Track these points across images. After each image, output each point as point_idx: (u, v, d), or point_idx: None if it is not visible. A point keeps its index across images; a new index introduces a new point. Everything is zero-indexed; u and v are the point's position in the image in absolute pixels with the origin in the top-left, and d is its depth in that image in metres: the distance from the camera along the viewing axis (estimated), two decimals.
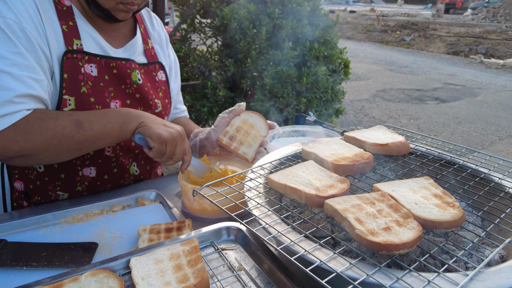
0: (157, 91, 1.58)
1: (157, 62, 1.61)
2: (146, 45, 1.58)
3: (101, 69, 1.39)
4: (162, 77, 1.62)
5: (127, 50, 1.51)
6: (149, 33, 1.63)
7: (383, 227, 0.85)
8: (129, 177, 1.61)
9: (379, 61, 13.57)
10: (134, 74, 1.48)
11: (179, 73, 1.79)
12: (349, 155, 1.22)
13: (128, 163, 1.58)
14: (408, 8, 42.50)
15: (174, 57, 1.76)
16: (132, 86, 1.48)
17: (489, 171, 1.23)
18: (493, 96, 9.38)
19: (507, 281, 0.76)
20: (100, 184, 1.54)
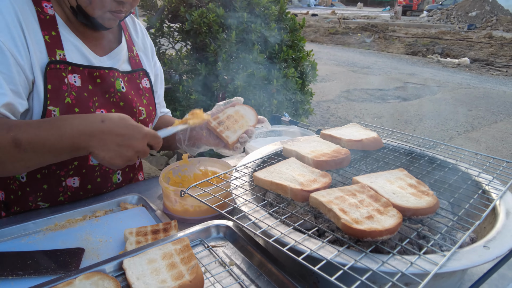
0: (141, 98, 1.58)
1: (142, 69, 1.61)
2: (131, 53, 1.58)
3: (85, 79, 1.38)
4: (146, 85, 1.62)
5: (112, 58, 1.50)
6: (134, 41, 1.63)
7: (366, 216, 0.91)
8: (111, 185, 1.61)
9: (342, 62, 13.93)
10: (118, 83, 1.47)
11: (163, 79, 1.80)
12: (328, 151, 1.28)
13: (112, 172, 1.57)
14: (367, 11, 43.81)
15: (159, 64, 1.77)
16: (116, 95, 1.47)
17: (456, 161, 1.33)
18: (451, 93, 9.85)
19: (480, 258, 0.84)
20: (83, 194, 1.53)
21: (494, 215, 1.05)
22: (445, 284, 0.98)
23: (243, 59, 3.29)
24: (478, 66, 13.76)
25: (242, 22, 3.31)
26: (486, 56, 15.12)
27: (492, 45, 17.12)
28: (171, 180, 1.53)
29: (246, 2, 3.31)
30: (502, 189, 1.13)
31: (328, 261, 0.80)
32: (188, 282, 0.86)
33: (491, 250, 0.86)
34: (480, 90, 10.28)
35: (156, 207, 1.42)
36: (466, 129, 7.12)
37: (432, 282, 0.92)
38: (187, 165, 1.59)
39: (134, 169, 1.70)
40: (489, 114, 8.16)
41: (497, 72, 12.89)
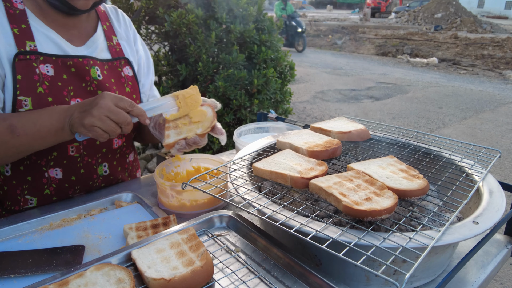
0: (123, 86, 1.58)
1: (123, 58, 1.61)
2: (110, 42, 1.58)
3: (58, 68, 1.39)
4: (128, 73, 1.62)
5: (89, 47, 1.50)
6: (115, 30, 1.63)
7: (364, 198, 0.96)
8: (97, 178, 1.59)
9: (315, 64, 14.14)
10: (93, 71, 1.47)
11: (152, 69, 1.78)
12: (320, 143, 1.33)
13: (96, 163, 1.56)
14: (337, 13, 44.61)
15: (146, 54, 1.76)
16: (93, 83, 1.47)
17: (440, 149, 1.41)
18: (421, 92, 10.18)
19: (470, 232, 0.91)
20: (68, 186, 1.52)
21: (478, 196, 1.13)
22: (438, 261, 1.05)
23: (223, 60, 3.32)
24: (446, 66, 14.28)
25: (221, 23, 3.34)
26: (453, 56, 15.71)
27: (458, 45, 17.81)
28: (164, 177, 1.55)
29: (225, 3, 3.35)
30: (483, 171, 1.22)
31: (333, 240, 0.85)
32: (199, 268, 0.89)
33: (479, 225, 0.93)
34: (449, 89, 10.67)
35: (151, 204, 1.44)
36: (438, 126, 7.38)
37: (427, 258, 0.99)
38: (179, 162, 1.61)
39: (124, 162, 1.69)
40: (459, 111, 8.49)
41: (463, 71, 13.42)
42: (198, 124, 1.44)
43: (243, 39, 3.43)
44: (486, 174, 1.21)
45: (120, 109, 1.24)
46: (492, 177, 1.21)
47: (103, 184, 1.63)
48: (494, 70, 13.39)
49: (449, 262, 1.13)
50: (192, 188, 1.13)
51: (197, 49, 3.26)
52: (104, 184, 1.63)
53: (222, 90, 3.22)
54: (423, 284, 1.05)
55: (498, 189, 1.13)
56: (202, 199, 1.38)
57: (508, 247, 1.27)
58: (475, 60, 15.09)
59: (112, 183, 1.66)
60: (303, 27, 16.25)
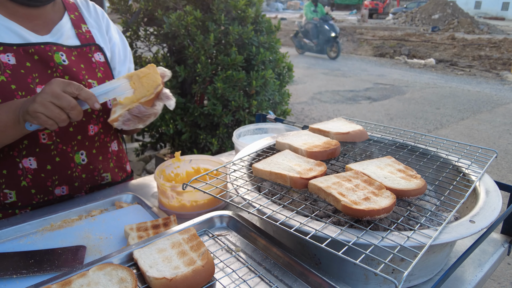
0: (94, 71, 1.58)
1: (93, 44, 1.61)
2: (78, 29, 1.59)
3: (20, 57, 1.41)
4: (100, 58, 1.62)
5: (54, 34, 1.52)
6: (85, 19, 1.65)
7: (363, 198, 0.98)
8: (75, 166, 1.56)
9: (312, 65, 14.17)
10: (57, 56, 1.48)
11: (131, 58, 1.79)
12: (319, 143, 1.35)
13: (71, 151, 1.54)
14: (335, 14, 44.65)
15: (123, 43, 1.76)
16: (58, 69, 1.47)
17: (437, 149, 1.42)
18: (419, 93, 10.22)
19: (467, 231, 0.92)
20: (45, 177, 1.50)
21: (475, 195, 1.15)
22: (435, 260, 1.06)
23: (222, 61, 3.33)
24: (443, 66, 14.33)
25: (220, 25, 3.36)
26: (450, 57, 15.77)
27: (455, 46, 17.88)
28: (164, 178, 1.56)
29: (223, 5, 3.37)
30: (480, 171, 1.23)
31: (333, 239, 0.86)
32: (200, 267, 0.90)
33: (476, 224, 0.95)
34: (447, 89, 10.71)
35: (151, 205, 1.45)
36: (436, 127, 7.41)
37: (425, 257, 1.01)
38: (179, 163, 1.62)
39: (106, 151, 1.66)
40: (456, 112, 8.52)
41: (461, 71, 13.47)
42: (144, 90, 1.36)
43: (241, 40, 3.45)
44: (483, 174, 1.22)
45: (67, 94, 1.22)
46: (488, 177, 1.22)
47: (83, 175, 1.59)
48: (491, 71, 13.45)
49: (446, 261, 1.14)
50: (192, 189, 1.15)
51: (196, 51, 3.27)
52: (85, 175, 1.59)
53: (221, 91, 3.24)
54: (421, 283, 1.07)
55: (495, 188, 1.14)
56: (202, 199, 1.40)
57: (504, 246, 1.28)
58: (472, 61, 15.15)
59: (94, 174, 1.63)
60: (337, 31, 14.73)
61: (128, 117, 1.35)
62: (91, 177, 1.62)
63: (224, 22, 3.36)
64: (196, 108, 3.42)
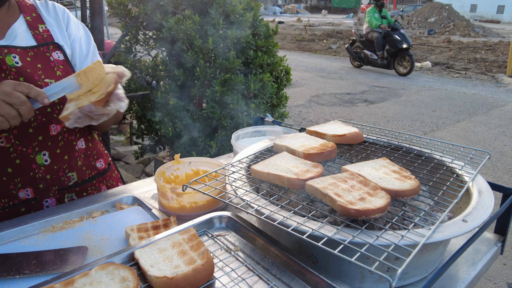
0: (53, 70, 1.57)
1: (51, 43, 1.61)
2: (35, 30, 1.59)
3: None
4: (59, 57, 1.62)
5: (8, 38, 1.51)
6: (44, 19, 1.65)
7: (358, 198, 1.00)
8: (38, 167, 1.54)
9: (310, 68, 14.23)
10: (9, 59, 1.47)
11: (94, 52, 1.77)
12: (316, 145, 1.38)
13: (32, 152, 1.52)
14: (331, 18, 44.91)
15: (87, 38, 1.75)
16: (11, 71, 1.46)
17: (431, 151, 1.45)
18: (415, 96, 10.28)
19: (460, 230, 0.95)
20: (6, 180, 1.49)
21: (468, 195, 1.18)
22: (429, 259, 1.09)
23: (220, 65, 3.36)
24: (439, 69, 14.41)
25: (218, 29, 3.39)
26: (446, 60, 15.86)
27: (451, 49, 17.99)
28: (164, 180, 1.58)
29: (222, 9, 3.40)
30: (473, 172, 1.26)
31: (329, 238, 0.89)
32: (200, 266, 0.92)
33: (469, 223, 0.97)
34: (443, 92, 10.78)
35: (151, 206, 1.47)
36: (432, 129, 7.46)
37: (419, 256, 1.03)
38: (179, 165, 1.65)
39: (72, 150, 1.65)
40: (452, 114, 8.58)
41: (457, 74, 13.55)
42: (97, 93, 1.35)
43: (239, 44, 3.48)
44: (476, 174, 1.25)
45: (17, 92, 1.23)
46: (481, 178, 1.25)
47: (48, 176, 1.57)
48: (487, 74, 13.54)
49: (440, 259, 1.17)
50: (192, 190, 1.17)
51: (195, 55, 3.30)
52: (49, 176, 1.57)
53: (220, 94, 3.27)
54: (416, 281, 1.09)
55: (487, 189, 1.17)
56: (202, 201, 1.42)
57: (497, 245, 1.31)
58: (468, 63, 15.25)
59: (59, 174, 1.60)
60: (410, 42, 12.14)
61: (79, 115, 1.34)
62: (56, 178, 1.60)
63: (223, 26, 3.39)
64: (195, 111, 3.45)
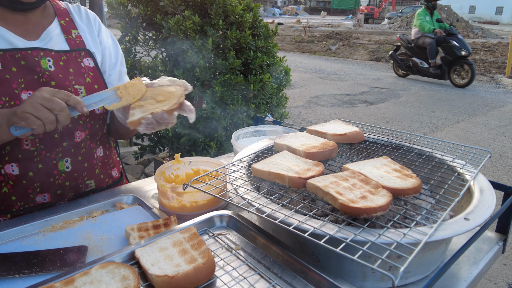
0: (83, 76, 1.58)
1: (83, 49, 1.62)
2: (68, 35, 1.60)
3: (6, 62, 1.41)
4: (89, 64, 1.62)
5: (43, 40, 1.52)
6: (76, 24, 1.65)
7: (360, 196, 1.00)
8: (58, 174, 1.54)
9: (309, 70, 14.24)
10: (44, 62, 1.48)
11: (122, 61, 1.79)
12: (317, 144, 1.37)
13: (55, 158, 1.52)
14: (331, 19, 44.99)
15: (114, 46, 1.77)
16: (45, 74, 1.47)
17: (432, 150, 1.45)
18: (415, 96, 10.29)
19: (462, 228, 0.94)
20: (26, 184, 1.49)
21: (469, 194, 1.17)
22: (431, 257, 1.08)
23: (220, 65, 3.36)
24: None
25: (218, 30, 3.39)
26: None
27: None
28: (164, 179, 1.58)
29: (221, 10, 3.40)
30: (474, 171, 1.26)
31: (330, 236, 0.89)
32: (201, 265, 0.92)
33: (470, 221, 0.97)
34: (442, 93, 10.79)
35: (152, 206, 1.46)
36: (431, 130, 7.46)
37: (421, 254, 1.03)
38: (179, 164, 1.64)
39: (92, 158, 1.65)
40: (451, 115, 8.58)
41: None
42: (165, 102, 1.39)
43: (239, 45, 3.48)
44: (477, 173, 1.25)
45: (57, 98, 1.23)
46: (483, 176, 1.25)
47: (67, 183, 1.57)
48: (486, 75, 13.55)
49: (442, 258, 1.16)
50: (192, 189, 1.17)
51: (194, 55, 3.30)
52: (68, 183, 1.57)
53: (219, 95, 3.26)
54: (417, 280, 1.09)
55: (489, 187, 1.17)
56: (202, 200, 1.42)
57: (499, 244, 1.31)
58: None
59: (78, 181, 1.60)
60: (470, 49, 10.74)
61: (152, 121, 1.36)
62: (75, 185, 1.60)
63: (222, 27, 3.39)
64: (195, 111, 3.44)
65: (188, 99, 3.67)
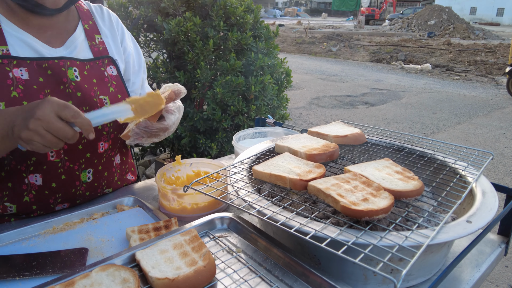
0: (106, 86, 1.55)
1: (106, 56, 1.58)
2: (92, 41, 1.55)
3: (33, 71, 1.37)
4: (112, 72, 1.59)
5: (68, 47, 1.48)
6: (100, 28, 1.61)
7: (361, 199, 0.99)
8: (80, 184, 1.53)
9: (310, 71, 14.24)
10: (71, 72, 1.45)
11: (144, 68, 1.77)
12: (318, 146, 1.37)
13: (78, 169, 1.51)
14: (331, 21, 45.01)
15: (137, 52, 1.73)
16: (71, 85, 1.44)
17: (434, 152, 1.44)
18: (416, 98, 10.28)
19: (464, 230, 0.94)
20: (48, 194, 1.48)
21: (471, 196, 1.17)
22: (433, 260, 1.08)
23: (221, 66, 3.36)
24: (440, 72, 14.42)
25: (219, 31, 3.39)
26: (446, 62, 15.88)
27: (451, 51, 18.01)
28: (165, 181, 1.57)
29: (222, 11, 3.40)
30: (476, 173, 1.25)
31: (332, 239, 0.88)
32: (202, 267, 0.91)
33: (473, 224, 0.97)
34: (443, 94, 10.78)
35: (152, 207, 1.46)
36: (432, 131, 7.45)
37: (423, 257, 1.02)
38: (180, 166, 1.64)
39: (111, 167, 1.64)
40: (452, 116, 8.57)
41: (457, 76, 13.56)
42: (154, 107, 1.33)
43: (240, 46, 3.48)
44: (479, 175, 1.24)
45: (62, 120, 1.13)
46: (485, 178, 1.24)
47: (87, 193, 1.57)
48: (487, 76, 13.55)
49: (444, 261, 1.16)
50: (193, 191, 1.16)
51: (195, 56, 3.30)
52: (88, 193, 1.57)
53: (220, 96, 3.26)
54: (419, 283, 1.08)
55: (491, 189, 1.17)
56: (203, 202, 1.41)
57: (501, 247, 1.30)
58: (468, 66, 15.26)
59: (97, 191, 1.61)
60: None
61: (137, 131, 1.35)
62: (94, 194, 1.60)
63: (223, 28, 3.39)
64: (196, 112, 3.44)
65: (190, 100, 3.68)
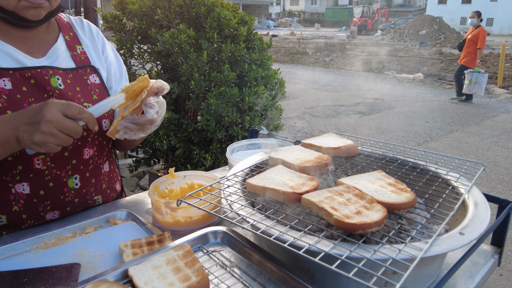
0: (90, 94, 1.56)
1: (88, 66, 1.60)
2: (73, 51, 1.58)
3: (16, 81, 1.39)
4: (95, 80, 1.61)
5: (50, 57, 1.50)
6: (80, 39, 1.64)
7: (354, 212, 1.00)
8: (68, 191, 1.53)
9: (304, 81, 14.33)
10: (54, 80, 1.46)
11: (126, 76, 1.79)
12: (311, 158, 1.37)
13: (65, 176, 1.51)
14: (324, 31, 45.45)
15: (118, 61, 1.76)
16: (55, 93, 1.46)
17: (426, 163, 1.45)
18: (408, 107, 10.37)
19: (457, 242, 0.94)
20: (37, 202, 1.47)
21: (464, 207, 1.17)
22: (427, 272, 1.08)
23: (215, 78, 3.37)
24: (431, 81, 14.57)
25: (213, 43, 3.41)
26: (438, 71, 16.05)
27: (443, 61, 18.22)
28: (158, 194, 1.57)
29: (216, 23, 3.42)
30: (468, 184, 1.26)
31: (326, 253, 0.88)
32: (195, 283, 0.91)
33: (466, 236, 0.97)
34: (435, 103, 10.88)
35: (146, 221, 1.45)
36: (425, 140, 7.50)
37: (417, 269, 1.02)
38: (173, 179, 1.63)
39: (99, 173, 1.64)
40: (445, 125, 8.64)
41: (448, 86, 13.70)
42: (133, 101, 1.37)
43: (234, 58, 3.50)
44: (471, 186, 1.25)
45: (69, 118, 1.20)
46: (477, 189, 1.25)
47: (76, 199, 1.56)
48: None
49: (438, 273, 1.16)
50: (186, 205, 1.16)
51: (189, 68, 3.31)
52: (77, 199, 1.56)
53: (214, 107, 3.27)
54: None
55: (483, 200, 1.17)
56: (197, 215, 1.40)
57: (495, 257, 1.30)
58: None
59: (86, 197, 1.60)
60: None
61: (125, 124, 1.36)
62: (84, 201, 1.60)
63: (217, 40, 3.41)
64: (190, 124, 3.44)
65: (184, 111, 3.67)
